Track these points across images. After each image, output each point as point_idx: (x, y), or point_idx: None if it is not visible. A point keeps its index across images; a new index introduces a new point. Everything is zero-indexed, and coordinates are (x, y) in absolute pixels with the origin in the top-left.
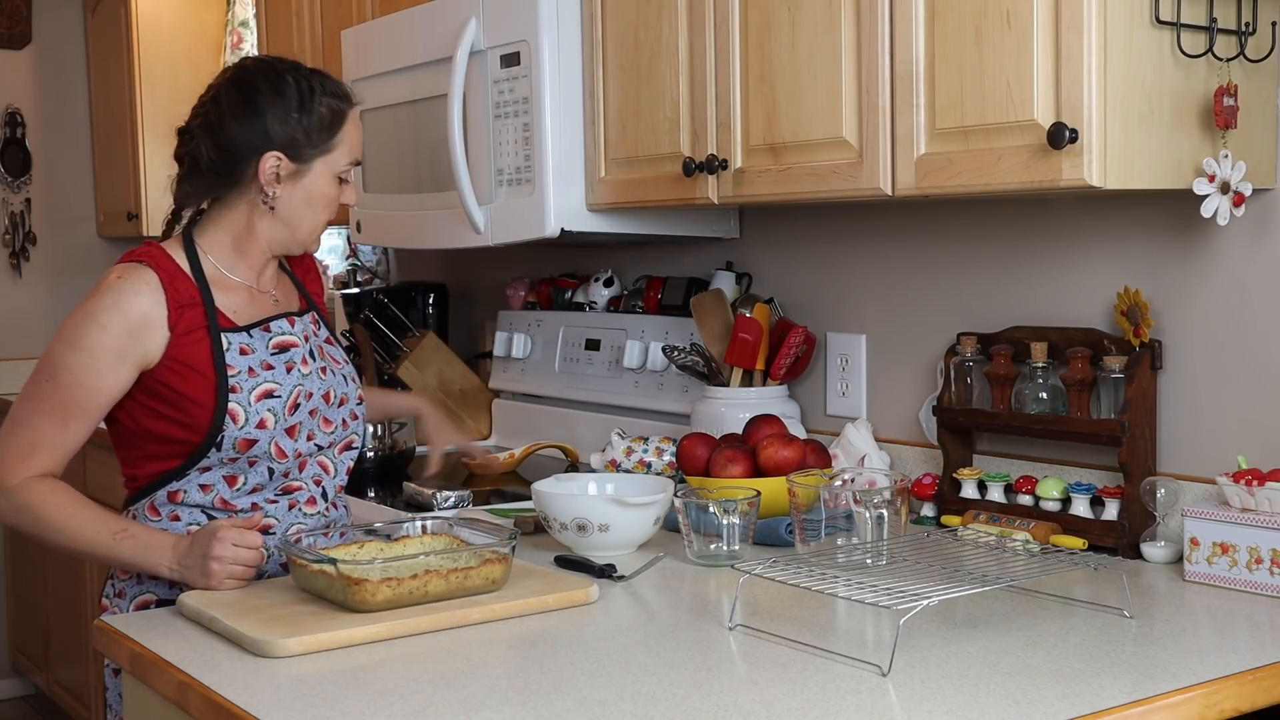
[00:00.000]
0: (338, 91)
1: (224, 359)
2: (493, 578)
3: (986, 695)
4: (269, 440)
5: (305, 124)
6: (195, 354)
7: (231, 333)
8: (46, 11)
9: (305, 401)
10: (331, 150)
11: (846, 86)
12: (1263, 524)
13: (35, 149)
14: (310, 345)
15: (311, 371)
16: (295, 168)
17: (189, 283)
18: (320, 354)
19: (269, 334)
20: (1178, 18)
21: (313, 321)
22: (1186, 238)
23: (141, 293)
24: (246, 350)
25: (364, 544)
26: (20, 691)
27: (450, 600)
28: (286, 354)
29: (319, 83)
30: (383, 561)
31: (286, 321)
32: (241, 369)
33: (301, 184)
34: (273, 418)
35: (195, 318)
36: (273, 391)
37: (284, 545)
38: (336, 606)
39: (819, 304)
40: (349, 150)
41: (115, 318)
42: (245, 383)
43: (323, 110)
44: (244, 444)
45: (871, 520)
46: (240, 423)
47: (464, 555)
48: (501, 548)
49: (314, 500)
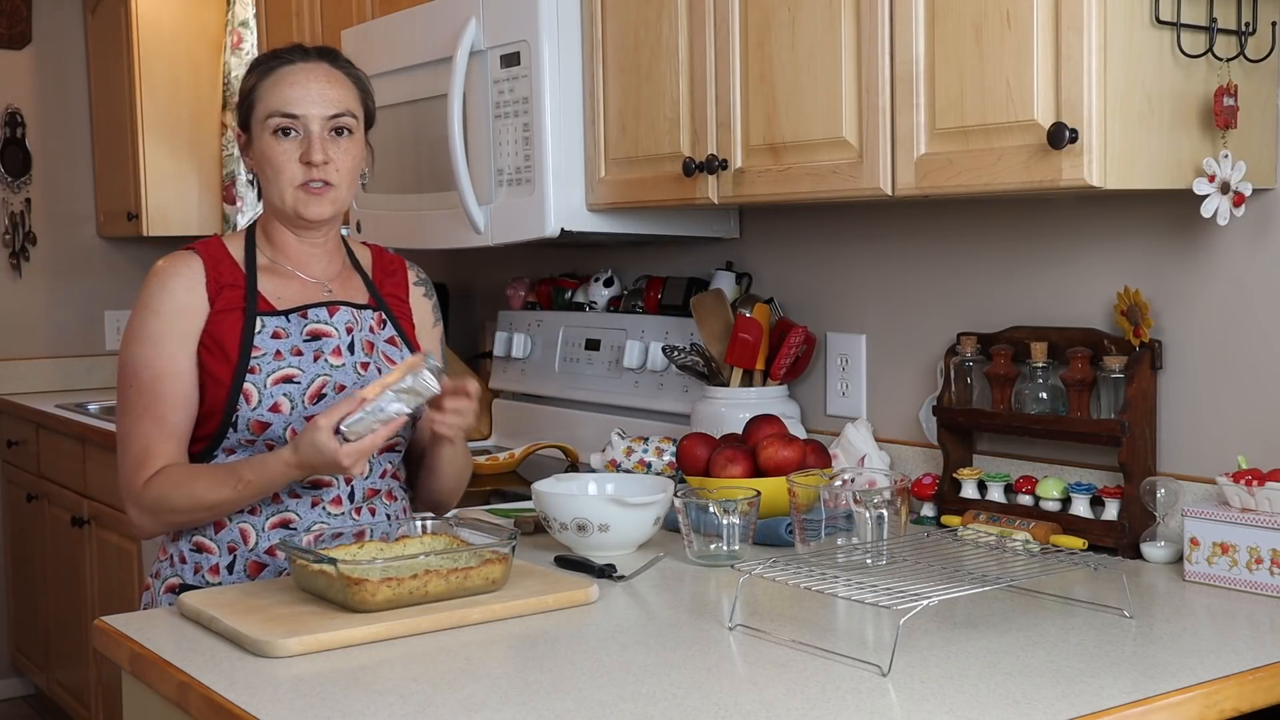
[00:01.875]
0: (273, 55)
1: (252, 340)
2: (493, 578)
3: (986, 695)
4: (284, 425)
5: (241, 91)
6: (227, 332)
7: (268, 315)
8: (46, 11)
9: (334, 393)
10: (254, 106)
11: (846, 86)
12: (1263, 524)
13: (35, 149)
14: (354, 338)
15: (346, 364)
16: (244, 136)
17: (234, 266)
18: (368, 349)
19: (305, 320)
20: (1178, 18)
21: (377, 320)
22: (1186, 238)
23: (182, 274)
24: (280, 334)
25: (364, 544)
26: (20, 691)
27: (450, 600)
28: (317, 342)
29: (274, 52)
30: (383, 561)
31: (326, 310)
32: (268, 351)
33: (255, 150)
34: (289, 403)
35: (234, 298)
36: (292, 377)
37: (284, 545)
38: (336, 606)
39: (819, 304)
40: (266, 103)
41: (165, 300)
42: (266, 365)
43: (252, 73)
44: (258, 425)
45: (871, 520)
46: (253, 403)
47: (464, 555)
48: (501, 548)
49: (339, 500)
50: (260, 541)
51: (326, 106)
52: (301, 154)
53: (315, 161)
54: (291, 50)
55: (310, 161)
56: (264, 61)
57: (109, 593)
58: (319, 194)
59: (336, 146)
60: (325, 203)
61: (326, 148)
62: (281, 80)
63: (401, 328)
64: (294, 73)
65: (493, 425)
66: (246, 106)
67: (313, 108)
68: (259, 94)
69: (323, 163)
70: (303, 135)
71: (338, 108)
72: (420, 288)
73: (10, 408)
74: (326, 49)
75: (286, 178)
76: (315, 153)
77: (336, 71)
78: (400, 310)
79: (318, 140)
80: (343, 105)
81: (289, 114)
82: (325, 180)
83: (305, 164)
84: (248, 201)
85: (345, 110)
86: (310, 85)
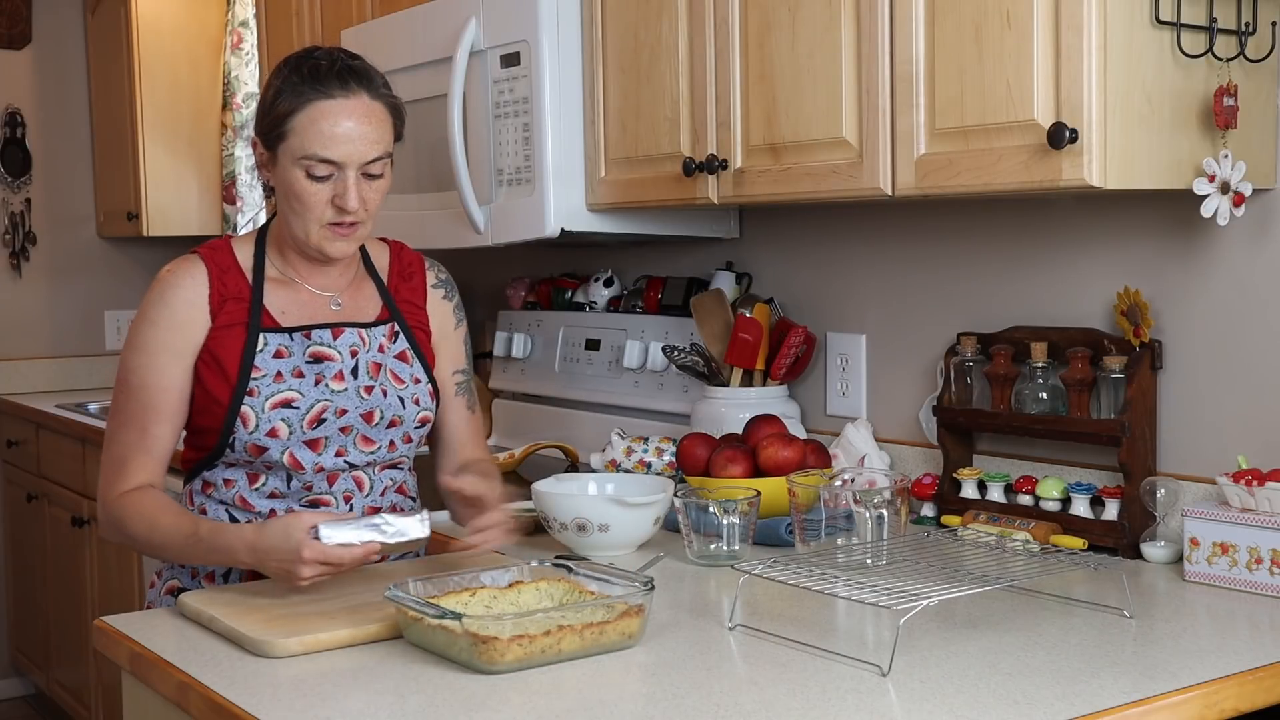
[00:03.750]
0: (311, 77)
1: (253, 359)
2: (629, 632)
3: (986, 695)
4: (281, 450)
5: (267, 106)
6: (227, 350)
7: (272, 333)
8: (46, 11)
9: (335, 418)
10: (286, 137)
11: (846, 86)
12: (1263, 524)
13: (35, 149)
14: (359, 361)
15: (348, 389)
16: (266, 154)
17: (240, 277)
18: (373, 371)
19: (309, 341)
20: (1178, 18)
21: (388, 334)
22: (1186, 238)
23: (184, 285)
24: (283, 353)
25: (475, 590)
26: (20, 691)
27: (582, 659)
28: (319, 365)
29: (308, 68)
30: (513, 618)
31: (331, 332)
32: (268, 372)
33: (277, 174)
34: (286, 428)
35: (237, 312)
36: (291, 401)
37: (393, 596)
38: (459, 667)
39: (819, 304)
40: (302, 141)
41: (163, 312)
42: (266, 387)
43: (285, 95)
44: (254, 449)
45: (871, 520)
46: (250, 427)
47: (599, 609)
48: (637, 598)
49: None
50: None
51: (366, 150)
52: (334, 197)
53: (350, 209)
54: (327, 75)
55: (345, 208)
56: (298, 85)
57: (109, 593)
58: (346, 234)
59: (369, 187)
60: (352, 241)
61: (361, 191)
62: (320, 118)
63: (416, 339)
64: (333, 111)
65: (493, 425)
66: (277, 134)
67: (351, 153)
68: (293, 127)
69: (356, 209)
70: (337, 178)
71: (376, 151)
72: (439, 290)
73: (10, 408)
74: (362, 72)
75: (315, 216)
76: (350, 200)
77: (376, 105)
78: (415, 319)
79: (353, 187)
80: (381, 148)
81: (326, 159)
82: (355, 221)
83: (337, 208)
84: (248, 202)
85: (383, 153)
86: (349, 125)
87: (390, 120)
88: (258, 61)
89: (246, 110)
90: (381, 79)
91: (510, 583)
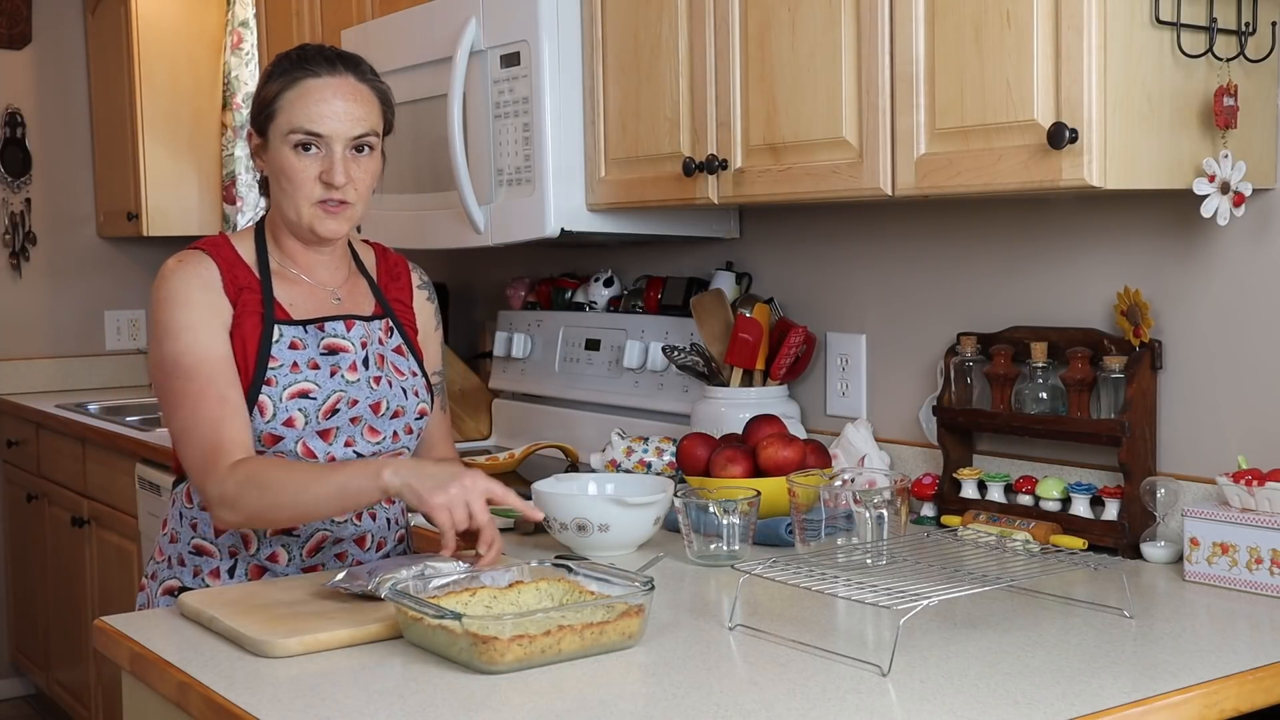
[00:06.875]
0: (300, 60)
1: (269, 349)
2: (629, 632)
3: (986, 695)
4: (296, 440)
5: (259, 93)
6: (248, 337)
7: (285, 324)
8: (46, 11)
9: (347, 408)
10: (275, 116)
11: (846, 86)
12: (1263, 524)
13: (35, 149)
14: (368, 352)
15: (360, 379)
16: (260, 140)
17: (247, 270)
18: (379, 363)
19: (322, 333)
20: (1178, 18)
21: (384, 329)
22: (1186, 238)
23: (200, 272)
24: (297, 344)
25: (475, 590)
26: (20, 691)
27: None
28: (334, 357)
29: (298, 54)
30: (513, 617)
31: (344, 325)
32: (285, 363)
33: (270, 158)
34: (303, 418)
35: (252, 303)
36: (308, 392)
37: (394, 595)
38: (459, 667)
39: (819, 304)
40: (289, 117)
41: (193, 293)
42: (283, 377)
43: (274, 78)
44: (269, 438)
45: (871, 520)
46: (267, 416)
47: (599, 609)
48: (637, 598)
49: None
50: (261, 547)
51: (351, 126)
52: (322, 172)
53: (336, 184)
54: (315, 58)
55: (331, 183)
56: (287, 68)
57: (109, 593)
58: (335, 213)
59: (357, 165)
60: (342, 220)
61: (348, 167)
62: (306, 94)
63: (407, 335)
64: (319, 87)
65: (493, 425)
66: (266, 114)
67: (337, 127)
68: (281, 105)
69: (343, 184)
70: (324, 153)
71: (362, 128)
72: (424, 291)
73: (10, 408)
74: (350, 57)
75: (304, 194)
76: (337, 174)
77: (363, 86)
78: (405, 317)
79: (339, 161)
80: (367, 125)
81: (312, 132)
82: (343, 199)
83: (325, 183)
84: (248, 202)
85: (369, 130)
86: (335, 102)
87: (378, 105)
88: (258, 61)
89: (246, 110)
90: (370, 68)
91: (510, 583)
